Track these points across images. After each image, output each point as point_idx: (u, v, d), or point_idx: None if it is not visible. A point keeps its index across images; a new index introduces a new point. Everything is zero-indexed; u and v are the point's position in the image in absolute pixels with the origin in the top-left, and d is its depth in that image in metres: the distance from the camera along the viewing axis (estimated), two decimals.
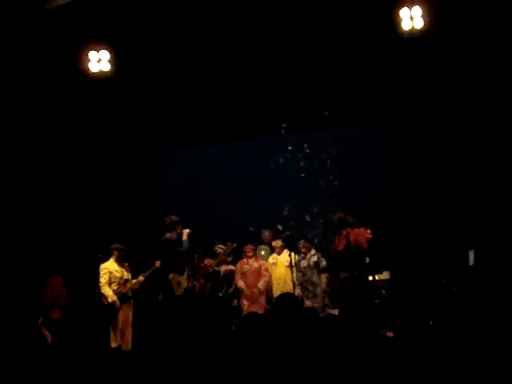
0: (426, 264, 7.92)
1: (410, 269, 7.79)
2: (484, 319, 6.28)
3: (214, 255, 8.76)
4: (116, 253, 7.97)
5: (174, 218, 7.95)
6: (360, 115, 9.64)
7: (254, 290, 8.46)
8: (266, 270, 8.63)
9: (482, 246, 7.52)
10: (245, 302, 8.49)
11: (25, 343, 7.46)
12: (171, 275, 7.77)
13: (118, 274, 7.92)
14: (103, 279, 7.85)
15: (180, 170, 10.56)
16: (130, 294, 7.96)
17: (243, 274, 8.56)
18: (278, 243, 8.77)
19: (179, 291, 7.73)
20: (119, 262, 7.99)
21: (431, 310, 7.29)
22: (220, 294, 8.50)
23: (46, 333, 7.95)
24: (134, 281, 7.98)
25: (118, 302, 7.79)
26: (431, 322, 7.01)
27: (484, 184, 8.67)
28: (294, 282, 7.98)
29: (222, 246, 8.71)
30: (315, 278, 8.27)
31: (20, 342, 7.47)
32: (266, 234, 9.16)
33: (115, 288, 7.87)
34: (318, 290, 8.24)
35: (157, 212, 10.09)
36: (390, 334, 7.50)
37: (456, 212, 8.72)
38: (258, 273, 8.57)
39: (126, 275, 7.99)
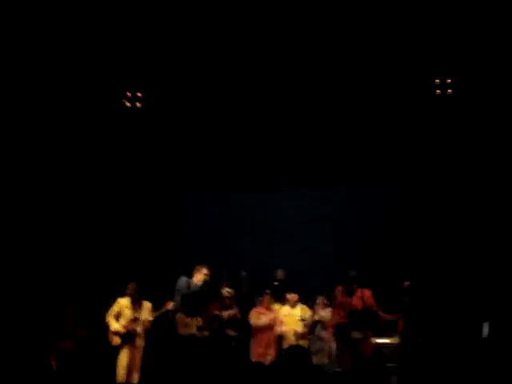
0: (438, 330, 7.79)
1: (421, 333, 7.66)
2: None
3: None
4: (130, 292, 8.12)
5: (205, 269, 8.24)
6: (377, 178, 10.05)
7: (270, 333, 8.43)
8: (281, 322, 8.57)
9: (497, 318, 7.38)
10: (255, 349, 8.44)
11: (33, 371, 7.63)
12: (178, 314, 7.88)
13: (130, 312, 8.03)
14: (111, 310, 8.04)
15: (202, 214, 10.80)
16: (139, 333, 8.02)
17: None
18: (293, 297, 8.74)
19: (185, 332, 7.81)
20: (134, 300, 8.11)
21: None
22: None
23: (54, 362, 8.06)
24: (142, 319, 8.04)
25: (118, 336, 7.90)
26: None
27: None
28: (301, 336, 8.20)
29: (228, 290, 8.59)
30: (324, 334, 8.20)
31: (28, 369, 7.64)
32: (279, 272, 9.18)
33: (123, 323, 7.96)
34: (326, 347, 8.19)
35: (177, 252, 10.34)
36: None
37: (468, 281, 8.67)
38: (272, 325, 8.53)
39: (139, 315, 8.07)
